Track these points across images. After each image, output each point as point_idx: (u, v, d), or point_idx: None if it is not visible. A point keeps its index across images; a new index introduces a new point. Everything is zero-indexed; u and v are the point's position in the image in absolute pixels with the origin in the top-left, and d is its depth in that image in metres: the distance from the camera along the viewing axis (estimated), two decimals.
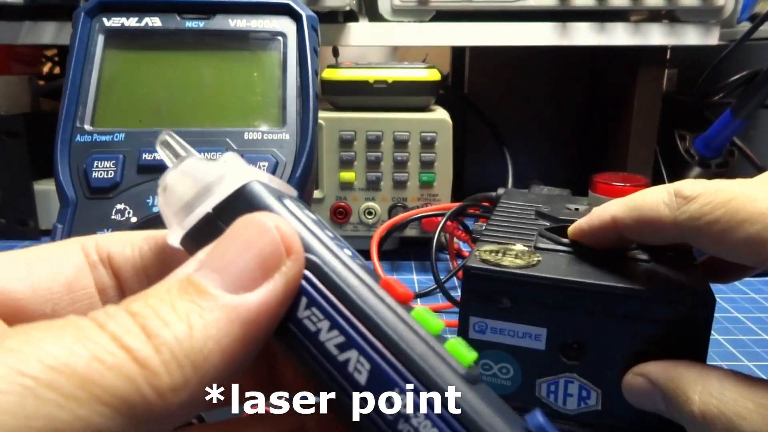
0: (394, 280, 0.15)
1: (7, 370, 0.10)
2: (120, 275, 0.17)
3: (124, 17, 0.36)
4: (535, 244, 0.30)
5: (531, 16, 0.58)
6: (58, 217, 0.32)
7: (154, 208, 0.32)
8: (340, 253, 0.15)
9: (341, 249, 0.15)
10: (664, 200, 0.24)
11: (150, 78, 0.37)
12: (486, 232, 0.32)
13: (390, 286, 0.15)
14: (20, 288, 0.15)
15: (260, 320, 0.13)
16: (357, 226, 0.55)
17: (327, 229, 0.16)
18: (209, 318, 0.12)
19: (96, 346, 0.11)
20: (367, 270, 0.15)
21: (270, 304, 0.13)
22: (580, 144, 0.78)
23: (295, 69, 0.36)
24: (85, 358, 0.11)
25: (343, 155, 0.54)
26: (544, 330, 0.27)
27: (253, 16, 0.37)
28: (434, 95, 0.56)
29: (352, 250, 0.16)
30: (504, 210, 0.36)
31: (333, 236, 0.16)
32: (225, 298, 0.13)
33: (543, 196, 0.41)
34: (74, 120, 0.34)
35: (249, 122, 0.35)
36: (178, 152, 0.17)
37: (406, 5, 0.58)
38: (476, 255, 0.28)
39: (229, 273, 0.13)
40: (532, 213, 0.35)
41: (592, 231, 0.28)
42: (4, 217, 0.62)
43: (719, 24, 0.59)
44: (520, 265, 0.27)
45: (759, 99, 0.56)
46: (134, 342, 0.12)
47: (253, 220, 0.14)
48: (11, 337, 0.11)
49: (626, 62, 0.64)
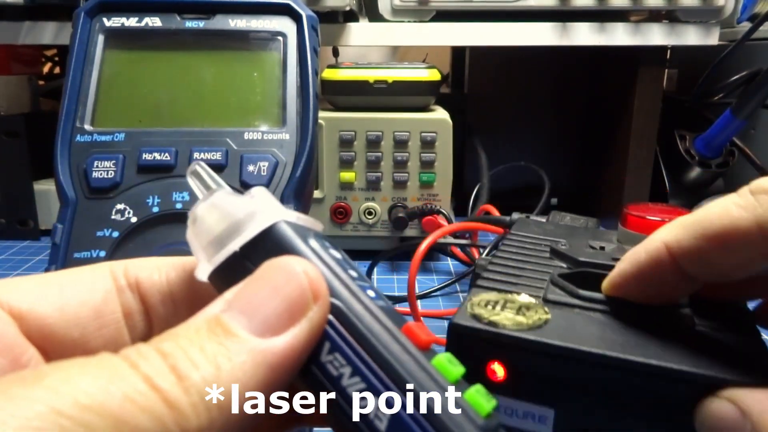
0: (417, 325, 0.15)
1: (46, 409, 0.11)
2: (147, 300, 0.18)
3: (124, 17, 0.36)
4: (545, 295, 0.23)
5: (531, 16, 0.58)
6: (58, 217, 0.32)
7: (155, 208, 0.32)
8: (363, 297, 0.15)
9: (364, 291, 0.16)
10: (735, 202, 0.18)
11: (150, 78, 0.37)
12: (489, 271, 0.26)
13: (412, 332, 0.15)
14: (50, 311, 0.16)
15: (285, 364, 0.13)
16: (357, 226, 0.55)
17: (351, 268, 0.16)
18: (236, 361, 0.13)
19: (129, 387, 0.12)
20: (390, 313, 0.15)
21: (295, 348, 0.13)
22: (580, 144, 0.78)
23: (295, 69, 0.36)
24: (119, 398, 0.11)
25: (343, 155, 0.54)
26: (551, 411, 0.21)
27: (253, 16, 0.37)
28: (434, 95, 0.56)
29: (375, 291, 0.16)
30: (513, 244, 0.30)
31: (357, 276, 0.16)
32: (252, 341, 0.13)
33: (562, 227, 0.34)
34: (74, 120, 0.34)
35: (249, 122, 0.35)
36: (208, 184, 0.17)
37: (406, 5, 0.58)
38: (466, 307, 0.22)
39: (256, 316, 0.13)
40: (547, 250, 0.29)
41: (631, 277, 0.21)
42: (4, 217, 0.62)
43: (719, 24, 0.59)
44: (522, 325, 0.21)
45: (759, 99, 0.56)
46: (165, 383, 0.12)
47: (282, 264, 0.14)
48: (49, 375, 0.11)
49: (626, 62, 0.64)
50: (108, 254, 0.31)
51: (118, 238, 0.32)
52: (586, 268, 0.25)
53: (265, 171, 0.33)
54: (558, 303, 0.23)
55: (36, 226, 0.63)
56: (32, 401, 0.11)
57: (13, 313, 0.15)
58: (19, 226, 0.62)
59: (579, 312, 0.22)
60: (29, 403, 0.11)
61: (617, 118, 0.66)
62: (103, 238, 0.32)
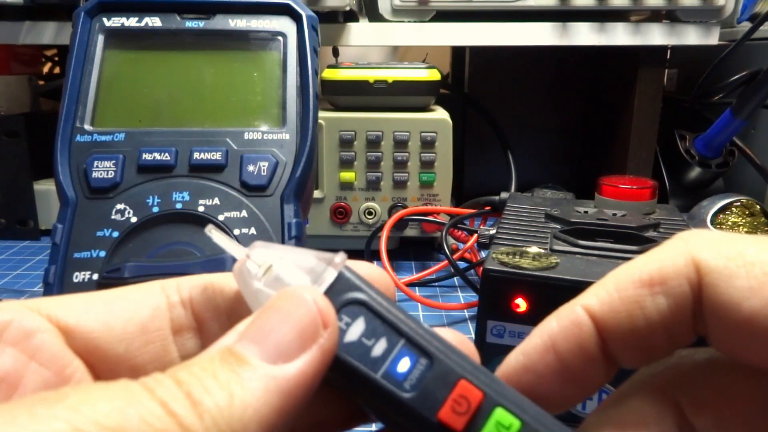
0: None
1: (66, 427, 0.11)
2: (199, 317, 0.18)
3: (124, 17, 0.36)
4: (551, 247, 0.30)
5: (531, 16, 0.58)
6: (58, 217, 0.32)
7: (155, 208, 0.32)
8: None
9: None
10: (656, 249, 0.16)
11: (150, 78, 0.37)
12: (499, 235, 0.32)
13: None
14: (95, 326, 0.16)
15: (298, 390, 0.13)
16: (357, 226, 0.55)
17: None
18: (249, 387, 0.13)
19: (146, 411, 0.12)
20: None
21: (307, 374, 0.14)
22: (580, 144, 0.78)
23: (295, 69, 0.36)
24: (136, 420, 0.12)
25: (343, 155, 0.54)
26: None
27: (253, 16, 0.37)
28: (434, 95, 0.56)
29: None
30: (512, 213, 0.36)
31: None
32: (264, 368, 0.13)
33: (548, 199, 0.41)
34: (74, 120, 0.34)
35: (249, 122, 0.35)
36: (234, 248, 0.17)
37: (406, 5, 0.58)
38: (493, 258, 0.28)
39: (268, 344, 0.14)
40: (542, 216, 0.35)
41: (536, 360, 0.16)
42: (4, 217, 0.62)
43: (719, 24, 0.59)
44: (539, 267, 0.27)
45: (759, 99, 0.56)
46: (180, 409, 0.12)
47: (291, 292, 0.15)
48: (70, 395, 0.12)
49: (626, 62, 0.64)
50: (108, 254, 0.31)
51: (118, 238, 0.32)
52: (578, 225, 0.32)
53: (265, 171, 0.33)
54: (562, 252, 0.29)
55: (36, 226, 0.63)
56: (53, 419, 0.11)
57: (61, 327, 0.16)
58: (19, 226, 0.62)
59: (580, 257, 0.28)
60: (51, 420, 0.11)
61: (617, 118, 0.66)
62: (103, 238, 0.32)
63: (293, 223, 0.33)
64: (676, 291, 0.14)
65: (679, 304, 0.14)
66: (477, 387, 0.14)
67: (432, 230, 0.55)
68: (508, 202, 0.39)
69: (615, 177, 0.44)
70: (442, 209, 0.53)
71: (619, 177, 0.44)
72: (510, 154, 0.66)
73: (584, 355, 0.15)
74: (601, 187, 0.42)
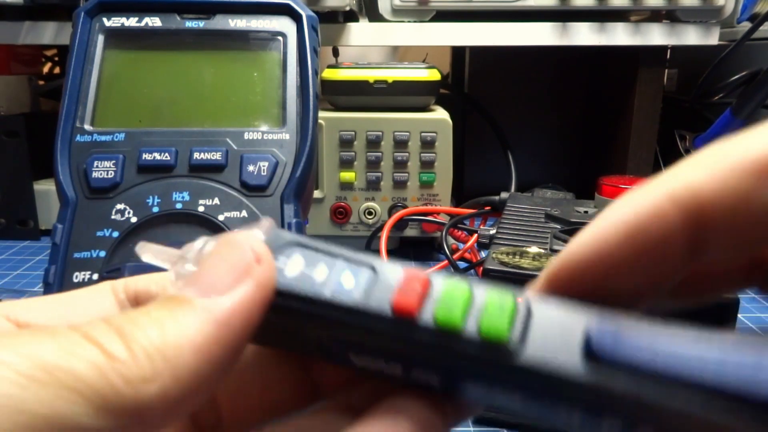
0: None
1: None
2: None
3: (124, 17, 0.36)
4: (551, 247, 0.30)
5: (531, 16, 0.58)
6: (58, 217, 0.32)
7: (155, 208, 0.32)
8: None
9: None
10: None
11: (150, 78, 0.37)
12: (499, 236, 0.33)
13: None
14: (54, 323, 0.16)
15: (234, 321, 0.14)
16: (357, 226, 0.55)
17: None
18: (182, 320, 0.13)
19: (66, 341, 0.12)
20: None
21: (243, 305, 0.14)
22: (580, 144, 0.78)
23: (295, 69, 0.36)
24: (53, 348, 0.12)
25: (343, 155, 0.54)
26: None
27: (253, 16, 0.37)
28: (434, 95, 0.56)
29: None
30: (512, 213, 0.37)
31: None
32: (198, 302, 0.14)
33: (548, 199, 0.41)
34: (74, 120, 0.34)
35: (249, 122, 0.35)
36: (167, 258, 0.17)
37: (406, 5, 0.58)
38: (493, 258, 0.28)
39: (203, 282, 0.14)
40: (542, 216, 0.36)
41: (603, 252, 0.14)
42: (4, 217, 0.62)
43: (719, 24, 0.59)
44: (539, 267, 0.27)
45: (759, 99, 0.56)
46: (105, 339, 0.12)
47: (226, 238, 0.15)
48: (6, 337, 0.12)
49: (626, 62, 0.64)
50: (108, 254, 0.31)
51: (118, 238, 0.32)
52: (578, 225, 0.31)
53: (265, 171, 0.33)
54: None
55: (36, 226, 0.63)
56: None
57: (20, 325, 0.16)
58: (19, 226, 0.62)
59: None
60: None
61: (617, 118, 0.66)
62: (103, 238, 0.32)
63: (293, 223, 0.33)
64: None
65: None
66: (420, 274, 0.15)
67: (432, 230, 0.55)
68: (508, 202, 0.39)
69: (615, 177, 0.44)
70: (442, 209, 0.53)
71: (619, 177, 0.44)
72: (510, 154, 0.66)
73: (667, 246, 0.13)
74: (601, 187, 0.42)
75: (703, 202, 0.13)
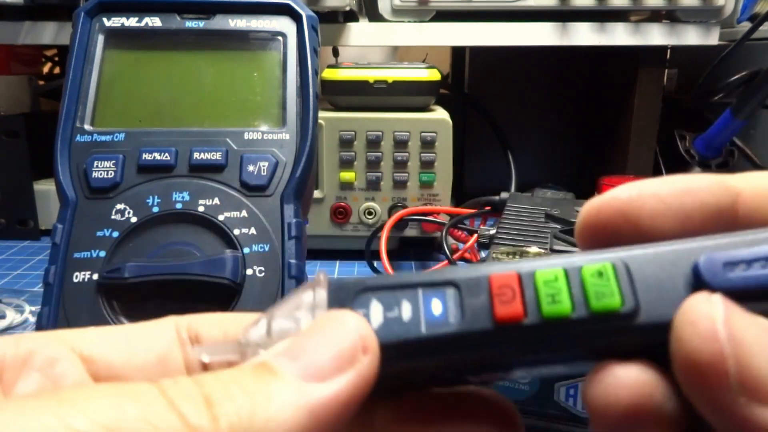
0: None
1: (54, 421, 0.10)
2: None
3: (124, 17, 0.36)
4: (551, 247, 0.30)
5: (531, 16, 0.58)
6: (58, 217, 0.32)
7: (155, 208, 0.32)
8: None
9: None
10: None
11: (150, 78, 0.37)
12: (499, 236, 0.33)
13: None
14: (118, 357, 0.16)
15: (329, 412, 0.13)
16: (357, 226, 0.55)
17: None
18: (276, 400, 0.12)
19: (150, 409, 0.11)
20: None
21: (341, 397, 0.13)
22: (580, 144, 0.78)
23: (295, 69, 0.36)
24: (133, 417, 0.11)
25: (343, 155, 0.54)
26: None
27: (253, 16, 0.37)
28: (434, 95, 0.56)
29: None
30: (512, 213, 0.37)
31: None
32: (296, 384, 0.13)
33: (548, 199, 0.42)
34: (74, 120, 0.34)
35: (249, 122, 0.35)
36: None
37: (406, 5, 0.58)
38: (493, 258, 0.29)
39: (303, 361, 0.13)
40: (542, 216, 0.36)
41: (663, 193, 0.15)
42: (4, 217, 0.62)
43: (719, 24, 0.59)
44: None
45: (759, 99, 0.56)
46: (190, 409, 0.11)
47: (334, 315, 0.14)
48: (69, 391, 0.11)
49: (626, 62, 0.64)
50: (108, 254, 0.31)
51: (118, 238, 0.32)
52: None
53: (265, 171, 0.33)
54: (562, 252, 0.28)
55: (36, 226, 0.63)
56: (41, 412, 0.11)
57: (83, 357, 0.16)
58: (19, 226, 0.62)
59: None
60: (38, 414, 0.10)
61: (617, 118, 0.66)
62: (103, 238, 0.32)
63: (293, 223, 0.33)
64: None
65: None
66: (506, 272, 0.14)
67: (432, 230, 0.55)
68: (508, 202, 0.39)
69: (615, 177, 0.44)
70: (442, 209, 0.53)
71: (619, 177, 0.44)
72: (510, 154, 0.66)
73: (717, 212, 0.15)
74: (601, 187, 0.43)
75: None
